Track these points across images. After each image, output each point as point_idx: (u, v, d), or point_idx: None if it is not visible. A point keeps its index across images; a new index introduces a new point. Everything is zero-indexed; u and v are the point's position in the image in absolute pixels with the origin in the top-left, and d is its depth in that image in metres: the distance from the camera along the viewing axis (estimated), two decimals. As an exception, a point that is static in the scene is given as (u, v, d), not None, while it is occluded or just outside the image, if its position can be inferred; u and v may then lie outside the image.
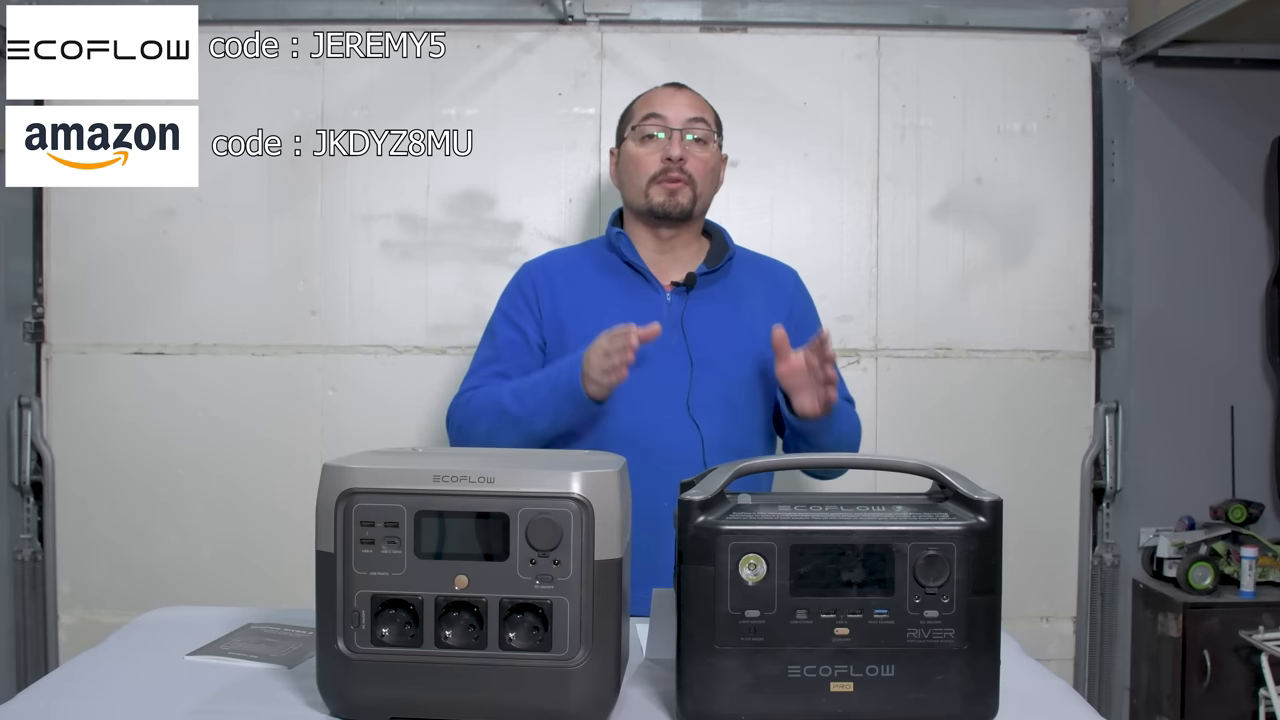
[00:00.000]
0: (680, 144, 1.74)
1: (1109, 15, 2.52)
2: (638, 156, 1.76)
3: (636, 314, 1.68)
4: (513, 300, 1.80)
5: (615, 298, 1.74)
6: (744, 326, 1.75)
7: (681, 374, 1.68)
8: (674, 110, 1.76)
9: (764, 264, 1.89)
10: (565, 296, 1.76)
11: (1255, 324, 2.62)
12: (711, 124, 1.80)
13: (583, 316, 1.72)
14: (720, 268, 1.78)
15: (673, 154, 1.73)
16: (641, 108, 1.80)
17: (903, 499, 1.09)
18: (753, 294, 1.80)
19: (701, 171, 1.76)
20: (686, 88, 1.83)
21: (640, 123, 1.77)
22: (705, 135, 1.77)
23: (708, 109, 1.81)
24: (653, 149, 1.75)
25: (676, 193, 1.74)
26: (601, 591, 1.00)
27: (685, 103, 1.78)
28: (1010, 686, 1.03)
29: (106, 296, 2.47)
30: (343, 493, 1.01)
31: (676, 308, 1.73)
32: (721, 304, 1.75)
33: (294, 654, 1.24)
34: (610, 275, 1.77)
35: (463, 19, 2.48)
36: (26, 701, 1.11)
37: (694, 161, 1.75)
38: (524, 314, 1.77)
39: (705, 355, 1.70)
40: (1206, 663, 2.36)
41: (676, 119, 1.75)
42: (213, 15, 2.45)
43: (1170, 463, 2.59)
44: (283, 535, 2.44)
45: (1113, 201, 2.54)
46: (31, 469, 2.46)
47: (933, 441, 2.49)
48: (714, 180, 1.81)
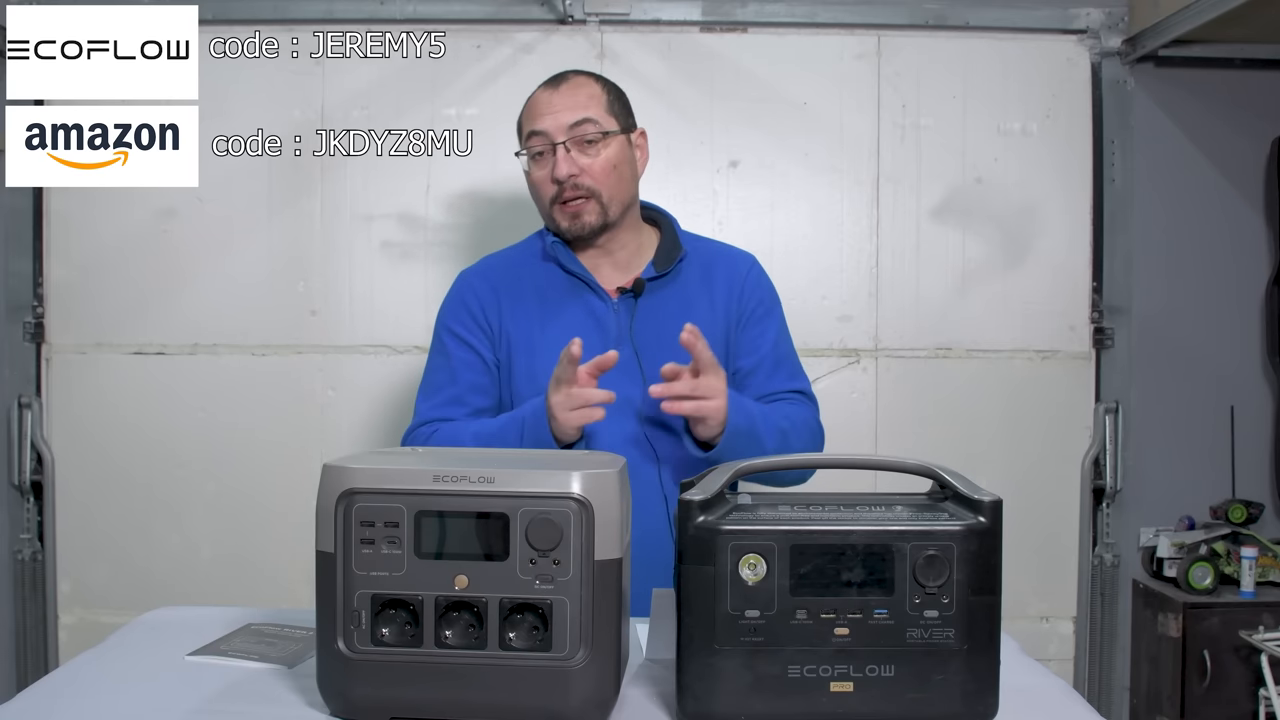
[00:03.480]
0: (567, 159, 1.57)
1: (1109, 15, 2.52)
2: (535, 180, 1.63)
3: (583, 326, 1.58)
4: (458, 316, 1.66)
5: (559, 311, 1.61)
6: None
7: (634, 390, 1.54)
8: (552, 119, 1.59)
9: (718, 254, 1.72)
10: (509, 310, 1.63)
11: (1255, 324, 2.62)
12: (602, 115, 1.60)
13: (527, 330, 1.62)
14: (669, 271, 1.63)
15: (560, 174, 1.57)
16: (525, 122, 1.64)
17: (903, 499, 1.09)
18: (705, 293, 1.65)
19: (603, 178, 1.59)
20: (567, 78, 1.65)
21: (526, 143, 1.63)
22: (594, 134, 1.59)
23: (594, 99, 1.62)
24: (545, 171, 1.60)
25: (580, 214, 1.59)
26: (601, 591, 0.99)
27: (564, 105, 1.60)
28: (1010, 686, 1.03)
29: (106, 296, 2.47)
30: (343, 493, 1.01)
31: (624, 317, 1.60)
32: (672, 308, 1.60)
33: (294, 654, 1.24)
34: (550, 284, 1.64)
35: (463, 19, 2.48)
36: (26, 701, 1.11)
37: (588, 172, 1.59)
38: (474, 331, 1.64)
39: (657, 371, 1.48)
40: (1206, 663, 2.36)
41: (557, 129, 1.58)
42: (213, 15, 2.45)
43: (1170, 463, 2.59)
44: (283, 535, 2.44)
45: (1113, 201, 2.54)
46: (31, 469, 2.47)
47: (933, 441, 2.49)
48: (622, 176, 1.62)
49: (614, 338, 1.58)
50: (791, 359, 1.72)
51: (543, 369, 1.53)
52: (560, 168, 1.58)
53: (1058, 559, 2.56)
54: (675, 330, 1.48)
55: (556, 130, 1.59)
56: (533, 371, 1.59)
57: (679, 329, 1.48)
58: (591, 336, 1.53)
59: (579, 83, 1.64)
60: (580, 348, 1.41)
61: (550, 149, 1.59)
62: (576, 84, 1.63)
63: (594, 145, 1.60)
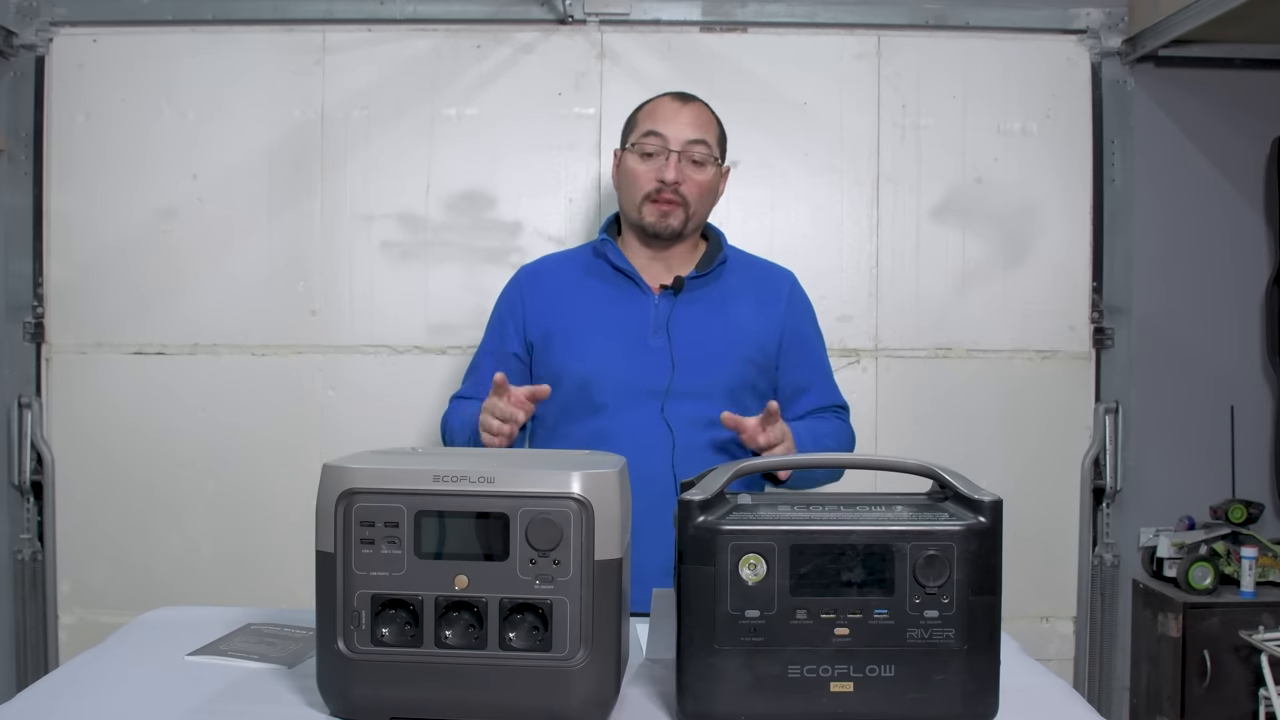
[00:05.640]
0: (676, 167, 1.73)
1: (1109, 15, 2.52)
2: (635, 172, 1.77)
3: (623, 317, 1.74)
4: (498, 308, 1.85)
5: (603, 301, 1.77)
6: (731, 329, 1.76)
7: (662, 376, 1.69)
8: (675, 129, 1.75)
9: (759, 267, 1.89)
10: (552, 300, 1.79)
11: (1255, 324, 2.62)
12: (713, 144, 1.79)
13: (569, 319, 1.76)
14: (711, 271, 1.78)
15: (667, 177, 1.73)
16: (644, 120, 1.79)
17: (903, 499, 1.09)
18: (743, 296, 1.80)
19: (697, 194, 1.76)
20: (693, 101, 1.81)
21: (641, 138, 1.77)
22: (704, 157, 1.76)
23: (711, 126, 1.80)
24: (650, 167, 1.75)
25: (669, 215, 1.75)
26: (601, 591, 1.00)
27: (688, 122, 1.76)
28: (1010, 686, 1.03)
29: (106, 296, 2.47)
30: (343, 493, 1.01)
31: (664, 310, 1.74)
32: (709, 306, 1.76)
33: (294, 654, 1.24)
34: (598, 279, 1.79)
35: (463, 19, 2.48)
36: (26, 701, 1.11)
37: (689, 184, 1.75)
38: (506, 322, 1.81)
39: (688, 358, 1.70)
40: (1206, 663, 2.36)
41: (677, 139, 1.74)
42: (213, 15, 2.46)
43: (1170, 463, 2.59)
44: (283, 535, 2.44)
45: (1113, 201, 2.54)
46: (31, 469, 2.46)
47: (933, 441, 2.49)
48: (710, 199, 1.81)
49: (652, 327, 1.73)
50: (831, 373, 1.92)
51: (583, 352, 1.72)
52: (670, 171, 1.73)
53: (1058, 559, 2.56)
54: (709, 324, 1.73)
55: (677, 139, 1.75)
56: (575, 354, 1.73)
57: (713, 323, 1.73)
58: (630, 325, 1.73)
59: (703, 108, 1.81)
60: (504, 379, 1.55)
61: (664, 152, 1.74)
62: (701, 108, 1.81)
63: (700, 166, 1.76)
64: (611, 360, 1.71)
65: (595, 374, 1.70)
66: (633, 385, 1.68)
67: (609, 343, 1.72)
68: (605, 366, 1.70)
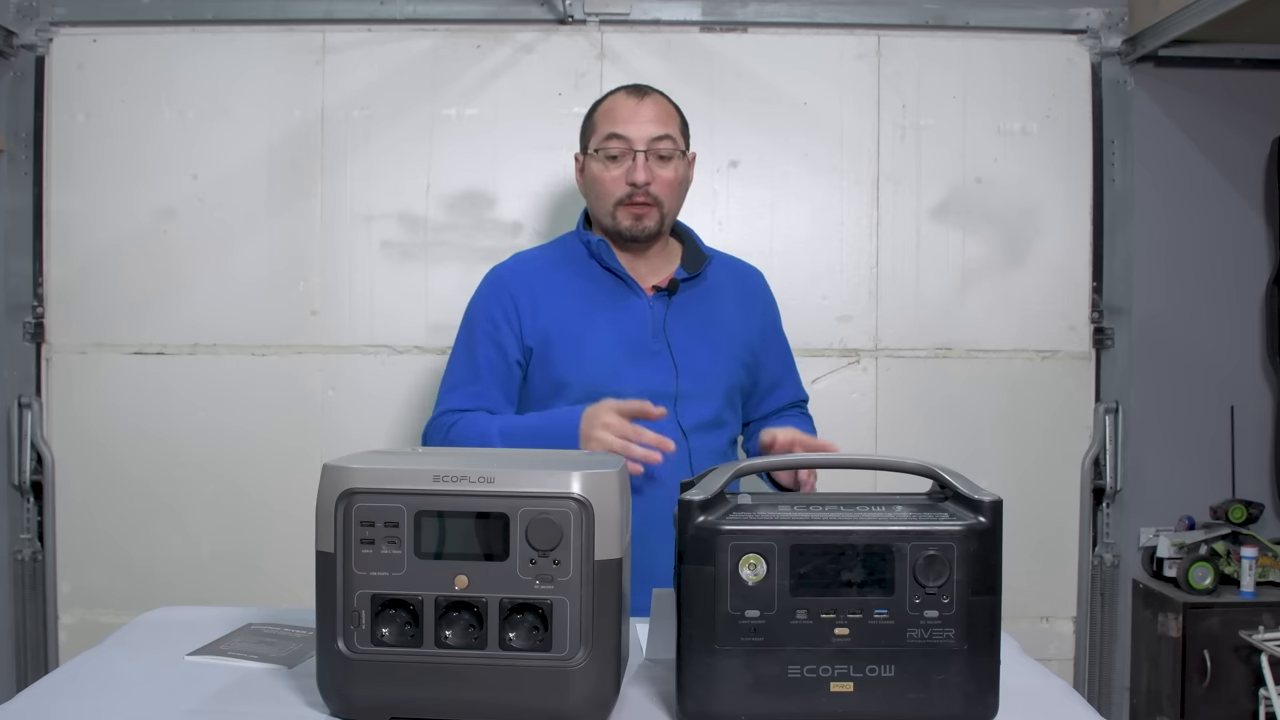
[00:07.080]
0: (644, 167, 1.69)
1: (1109, 15, 2.52)
2: (602, 179, 1.73)
3: (621, 320, 1.71)
4: (489, 313, 1.75)
5: (599, 304, 1.73)
6: (722, 331, 1.76)
7: (667, 380, 1.68)
8: (636, 129, 1.70)
9: (734, 266, 1.89)
10: (547, 303, 1.73)
11: (1255, 324, 2.62)
12: (677, 135, 1.74)
13: (567, 324, 1.71)
14: (699, 273, 1.77)
15: (637, 179, 1.69)
16: (604, 122, 1.74)
17: (903, 499, 1.09)
18: (726, 297, 1.80)
19: (668, 191, 1.72)
20: (649, 93, 1.76)
21: (603, 143, 1.72)
22: (670, 152, 1.72)
23: (672, 117, 1.75)
24: (617, 172, 1.71)
25: (643, 217, 1.71)
26: (601, 591, 1.00)
27: (649, 118, 1.71)
28: (1010, 686, 1.03)
29: (106, 296, 2.47)
30: (343, 493, 1.01)
31: (659, 312, 1.73)
32: (700, 308, 1.76)
33: (294, 654, 1.24)
34: (588, 280, 1.75)
35: (463, 19, 2.48)
36: (26, 701, 1.11)
37: (659, 183, 1.71)
38: (502, 328, 1.72)
39: (689, 362, 1.70)
40: (1206, 663, 2.36)
41: (640, 138, 1.70)
42: (213, 15, 2.46)
43: (1170, 463, 2.59)
44: (283, 535, 2.44)
45: (1113, 201, 2.54)
46: (31, 469, 2.46)
47: (933, 441, 2.49)
48: (681, 192, 1.78)
49: (650, 330, 1.72)
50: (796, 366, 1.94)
51: (588, 358, 1.68)
52: (639, 173, 1.69)
53: (1058, 559, 2.56)
54: (703, 326, 1.73)
55: (640, 138, 1.70)
56: (580, 361, 1.69)
57: (708, 325, 1.74)
58: (630, 329, 1.70)
59: (661, 100, 1.76)
60: (664, 413, 1.55)
61: (629, 154, 1.70)
62: (659, 100, 1.75)
63: (667, 161, 1.72)
64: (618, 366, 1.68)
65: (604, 381, 1.66)
66: (641, 391, 1.63)
67: (612, 348, 1.70)
68: (613, 373, 1.67)
